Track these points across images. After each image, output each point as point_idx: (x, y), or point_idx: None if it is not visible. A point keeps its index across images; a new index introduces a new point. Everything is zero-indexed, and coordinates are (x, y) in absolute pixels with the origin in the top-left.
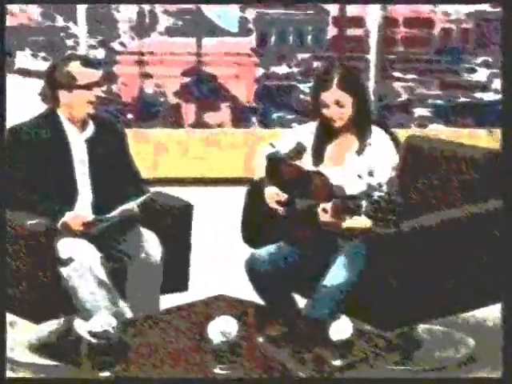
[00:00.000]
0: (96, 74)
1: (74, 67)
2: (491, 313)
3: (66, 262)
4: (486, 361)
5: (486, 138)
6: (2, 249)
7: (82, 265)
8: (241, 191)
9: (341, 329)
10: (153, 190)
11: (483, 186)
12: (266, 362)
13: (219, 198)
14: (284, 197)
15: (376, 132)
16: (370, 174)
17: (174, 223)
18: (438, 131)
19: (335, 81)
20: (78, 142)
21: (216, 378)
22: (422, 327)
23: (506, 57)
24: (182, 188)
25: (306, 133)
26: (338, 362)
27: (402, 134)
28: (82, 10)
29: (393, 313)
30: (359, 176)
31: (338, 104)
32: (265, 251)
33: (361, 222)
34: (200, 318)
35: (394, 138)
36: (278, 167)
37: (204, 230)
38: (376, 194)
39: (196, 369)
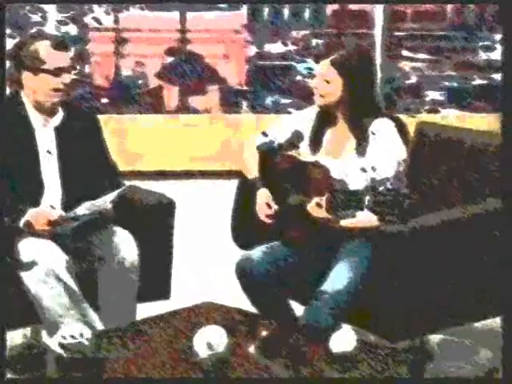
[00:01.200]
0: (66, 57)
1: (42, 47)
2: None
3: (28, 266)
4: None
5: None
6: None
7: (45, 269)
8: (230, 186)
9: (342, 339)
10: (129, 184)
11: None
12: (258, 377)
13: (205, 193)
14: (274, 207)
15: (380, 120)
16: (374, 167)
17: (154, 222)
18: (452, 117)
19: (333, 55)
20: (44, 130)
21: None
22: (433, 337)
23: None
24: (163, 182)
25: (303, 120)
26: (339, 377)
27: (412, 120)
28: None
29: (401, 321)
30: (363, 169)
31: (324, 78)
32: (258, 253)
33: (363, 218)
34: (184, 329)
35: (402, 127)
36: (272, 159)
37: (188, 229)
38: (381, 188)
39: None
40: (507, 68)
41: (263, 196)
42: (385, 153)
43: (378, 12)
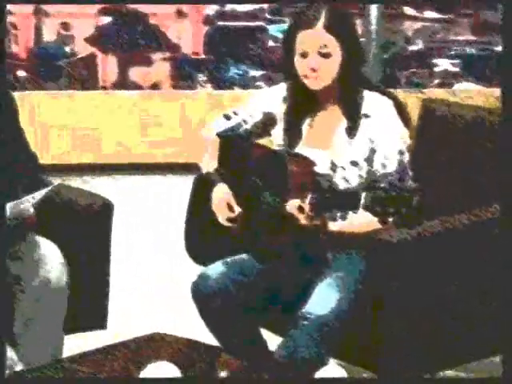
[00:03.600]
0: None
1: None
2: None
3: None
4: None
5: None
6: None
7: None
8: (183, 183)
9: (329, 378)
10: (56, 182)
11: None
12: None
13: (152, 192)
14: (237, 209)
15: (375, 99)
16: (369, 159)
17: (87, 231)
18: (468, 92)
19: (322, 18)
20: None
21: None
22: (443, 374)
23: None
24: (98, 179)
25: (277, 98)
26: None
27: (416, 98)
28: None
29: (402, 355)
30: (353, 163)
31: (321, 52)
32: (218, 268)
33: (360, 220)
34: (125, 368)
35: (401, 107)
36: (237, 148)
37: (130, 239)
38: (382, 184)
39: None
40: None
41: (221, 193)
42: (384, 140)
43: None
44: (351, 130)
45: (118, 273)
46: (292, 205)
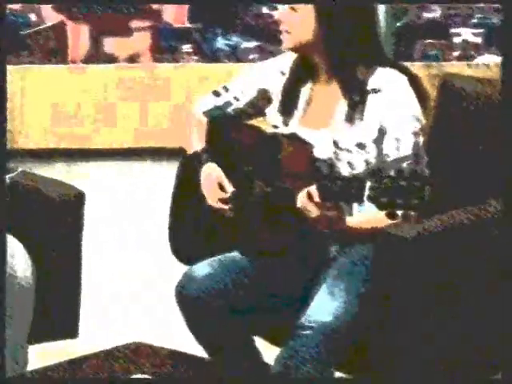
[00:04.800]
0: None
1: None
2: None
3: None
4: None
5: None
6: None
7: None
8: (167, 169)
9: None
10: (20, 168)
11: None
12: None
13: (130, 181)
14: (229, 189)
15: (385, 72)
16: (378, 141)
17: (54, 224)
18: (492, 66)
19: None
20: None
21: None
22: None
23: None
24: (69, 165)
25: (272, 73)
26: None
27: (435, 72)
28: None
29: (415, 366)
30: (360, 145)
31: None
32: (205, 268)
33: (366, 215)
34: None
35: (416, 82)
36: (226, 130)
37: (104, 235)
38: (391, 172)
39: None
40: None
41: (211, 172)
42: (396, 119)
43: None
44: (354, 108)
45: (91, 273)
46: (301, 193)
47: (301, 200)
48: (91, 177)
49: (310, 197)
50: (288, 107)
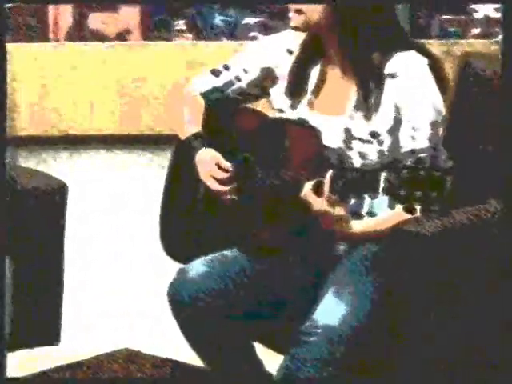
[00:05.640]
0: None
1: None
2: None
3: None
4: None
5: None
6: None
7: None
8: (159, 159)
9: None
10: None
11: None
12: None
13: (117, 172)
14: (228, 168)
15: (403, 55)
16: (394, 131)
17: (34, 219)
18: None
19: None
20: None
21: None
22: None
23: None
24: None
25: (278, 50)
26: None
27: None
28: None
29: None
30: (373, 134)
31: None
32: (200, 267)
33: (376, 220)
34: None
35: (437, 66)
36: (225, 113)
37: (89, 231)
38: (407, 162)
39: None
40: None
41: (207, 154)
42: (413, 107)
43: None
44: (368, 93)
45: (74, 273)
46: (308, 185)
47: (306, 190)
48: (74, 167)
49: (318, 187)
50: (296, 89)
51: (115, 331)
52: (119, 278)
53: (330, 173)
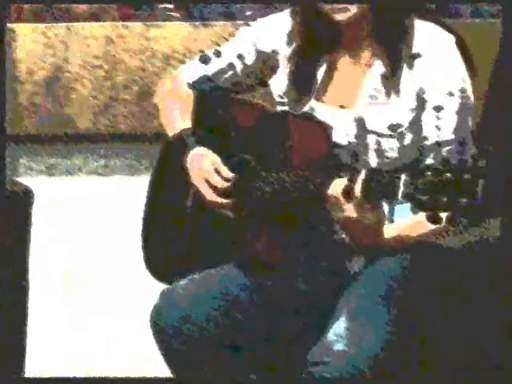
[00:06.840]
0: None
1: None
2: None
3: None
4: None
5: None
6: None
7: None
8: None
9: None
10: None
11: None
12: None
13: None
14: (227, 174)
15: (429, 33)
16: (416, 122)
17: None
18: None
19: None
20: None
21: None
22: None
23: None
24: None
25: (279, 32)
26: None
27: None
28: None
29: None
30: (392, 127)
31: None
32: (191, 288)
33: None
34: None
35: (465, 49)
36: (219, 105)
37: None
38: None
39: None
40: None
41: (206, 160)
42: (439, 94)
43: None
44: (388, 80)
45: (40, 291)
46: (332, 188)
47: (334, 192)
48: (40, 172)
49: (347, 191)
50: (301, 78)
51: (87, 358)
52: (94, 298)
53: (363, 174)
